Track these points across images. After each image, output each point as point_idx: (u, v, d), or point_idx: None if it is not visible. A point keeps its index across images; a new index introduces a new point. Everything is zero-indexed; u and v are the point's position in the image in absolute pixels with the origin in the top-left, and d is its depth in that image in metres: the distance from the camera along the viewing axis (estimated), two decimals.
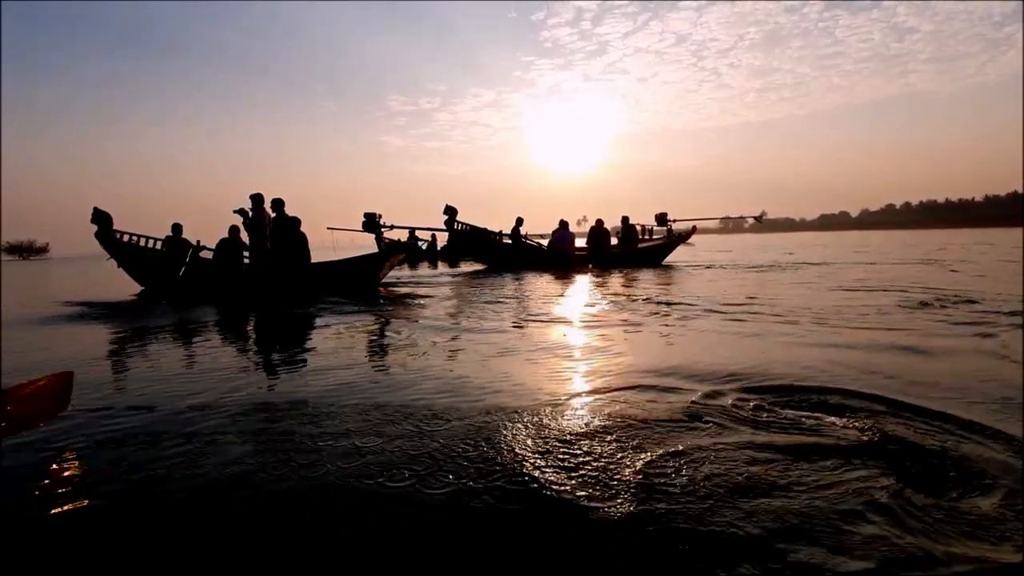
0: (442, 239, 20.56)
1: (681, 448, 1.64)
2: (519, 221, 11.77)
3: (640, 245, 12.12)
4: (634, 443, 1.69)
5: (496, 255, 11.51)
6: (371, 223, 8.03)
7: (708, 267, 10.45)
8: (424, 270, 12.67)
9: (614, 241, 12.21)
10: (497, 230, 11.71)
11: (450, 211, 10.84)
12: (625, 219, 12.23)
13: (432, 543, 1.20)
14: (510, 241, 11.66)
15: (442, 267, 13.71)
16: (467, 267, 12.69)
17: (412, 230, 9.26)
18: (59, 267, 26.90)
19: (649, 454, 1.60)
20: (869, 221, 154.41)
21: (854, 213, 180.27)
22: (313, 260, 7.78)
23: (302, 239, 7.65)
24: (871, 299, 4.98)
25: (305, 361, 3.13)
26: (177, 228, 8.57)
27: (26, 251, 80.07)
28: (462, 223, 11.02)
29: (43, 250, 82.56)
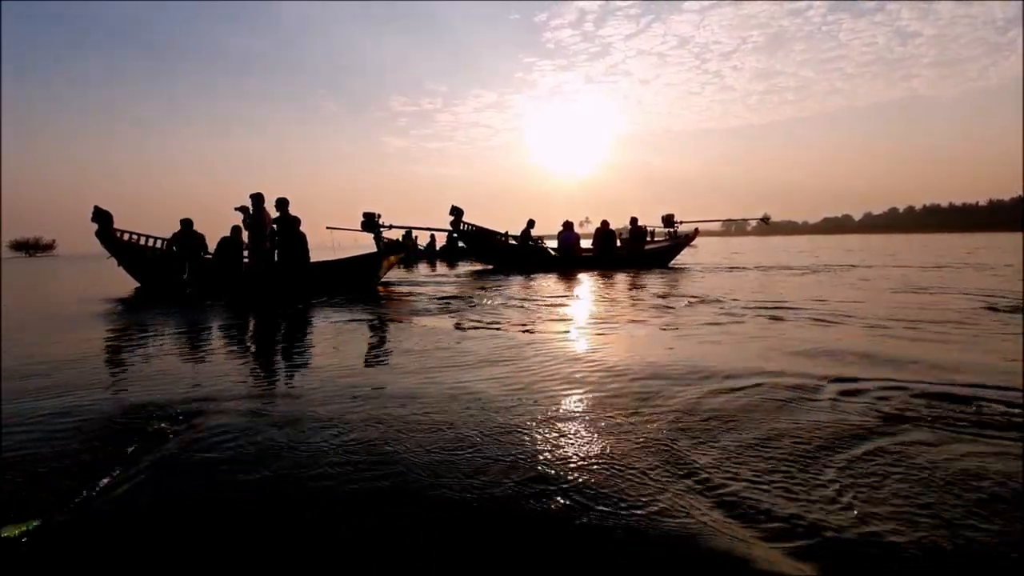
0: (440, 240, 20.52)
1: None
2: (531, 223, 11.78)
3: (646, 247, 12.05)
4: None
5: (502, 255, 11.46)
6: (370, 223, 7.99)
7: (741, 269, 10.13)
8: (423, 270, 12.61)
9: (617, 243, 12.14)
10: (503, 231, 11.68)
11: (456, 211, 10.80)
12: (634, 220, 12.14)
13: None
14: (515, 242, 11.63)
15: (441, 268, 13.63)
16: (466, 268, 12.63)
17: (409, 230, 9.15)
18: (68, 265, 26.82)
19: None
20: (872, 224, 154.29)
21: (857, 216, 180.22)
22: (313, 259, 7.74)
23: (301, 239, 7.63)
24: (941, 302, 4.81)
25: (310, 361, 3.04)
26: (187, 223, 8.54)
27: (32, 248, 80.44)
28: (467, 223, 11.00)
29: (49, 247, 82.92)
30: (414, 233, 9.97)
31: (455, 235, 19.51)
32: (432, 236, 19.24)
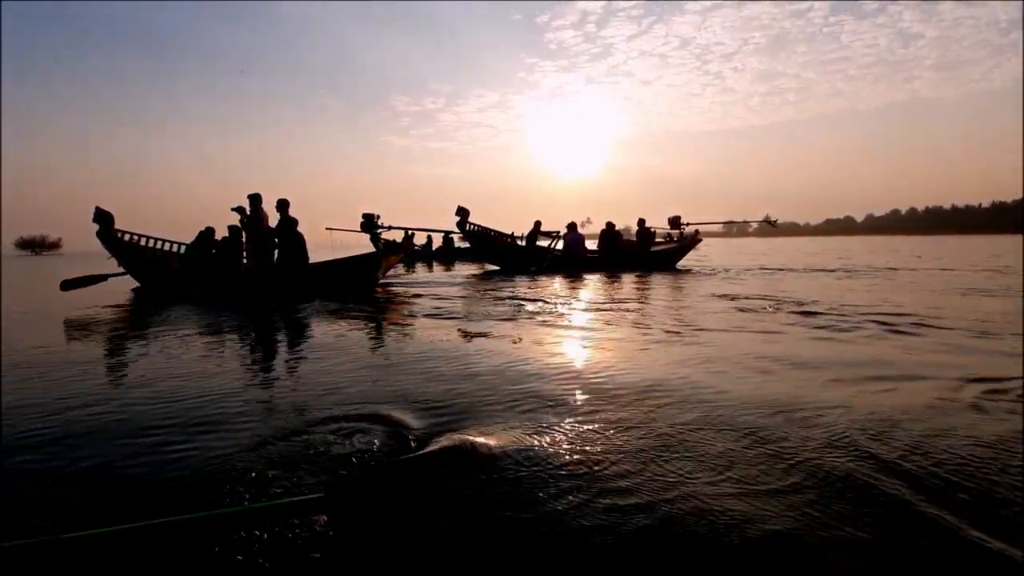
0: (437, 240, 20.47)
1: None
2: (537, 225, 11.81)
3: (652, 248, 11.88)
4: None
5: (508, 257, 11.41)
6: (369, 223, 7.97)
7: (776, 271, 9.68)
8: (420, 271, 12.58)
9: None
10: (510, 232, 11.62)
11: (462, 212, 10.76)
12: (641, 221, 12.00)
13: None
14: (523, 243, 11.58)
15: (438, 269, 13.57)
16: (463, 268, 12.58)
17: (407, 231, 9.01)
18: (76, 263, 26.55)
19: None
20: (875, 227, 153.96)
21: (859, 218, 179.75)
22: (314, 260, 7.70)
23: (299, 239, 7.61)
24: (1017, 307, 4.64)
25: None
26: (210, 231, 8.56)
27: (38, 246, 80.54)
28: (473, 224, 10.95)
29: (55, 245, 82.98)
30: (411, 233, 9.87)
31: (450, 236, 19.43)
32: (429, 237, 19.18)
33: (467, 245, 20.06)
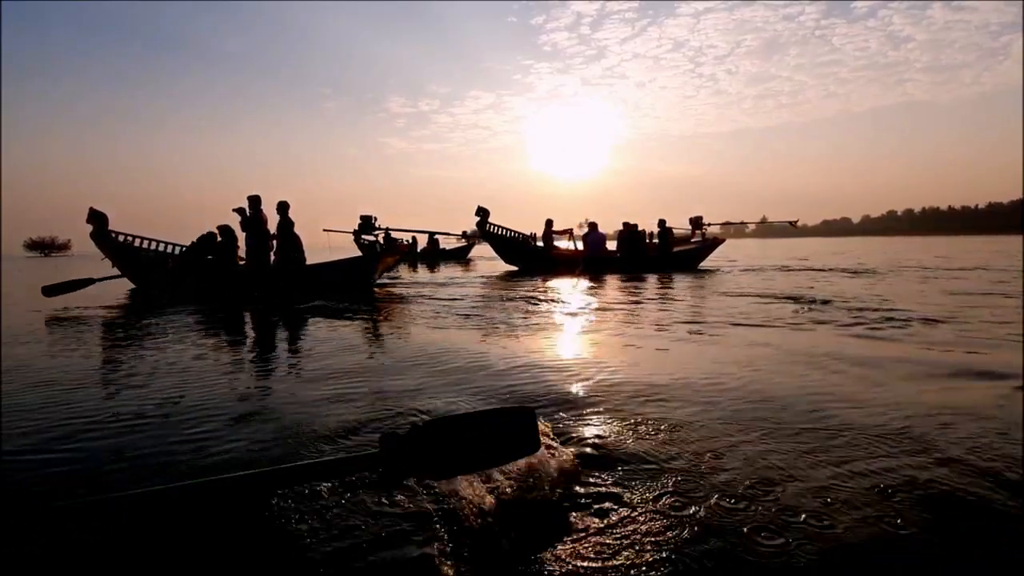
0: (422, 242, 20.45)
1: None
2: (549, 223, 11.80)
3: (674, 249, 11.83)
4: None
5: (529, 258, 11.43)
6: (367, 225, 7.98)
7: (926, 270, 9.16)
8: (404, 272, 12.59)
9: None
10: (530, 231, 11.65)
11: (482, 212, 10.70)
12: (662, 222, 11.97)
13: None
14: (541, 244, 11.61)
15: (422, 270, 13.58)
16: (448, 270, 12.55)
17: (389, 232, 8.77)
18: (85, 264, 26.14)
19: None
20: (872, 228, 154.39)
21: (855, 219, 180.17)
22: (316, 261, 7.75)
23: (296, 241, 7.65)
24: None
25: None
26: (212, 236, 8.43)
27: (47, 247, 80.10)
28: (493, 224, 10.93)
29: (65, 247, 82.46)
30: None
31: (435, 237, 19.33)
32: (414, 238, 19.17)
33: (454, 247, 20.20)
